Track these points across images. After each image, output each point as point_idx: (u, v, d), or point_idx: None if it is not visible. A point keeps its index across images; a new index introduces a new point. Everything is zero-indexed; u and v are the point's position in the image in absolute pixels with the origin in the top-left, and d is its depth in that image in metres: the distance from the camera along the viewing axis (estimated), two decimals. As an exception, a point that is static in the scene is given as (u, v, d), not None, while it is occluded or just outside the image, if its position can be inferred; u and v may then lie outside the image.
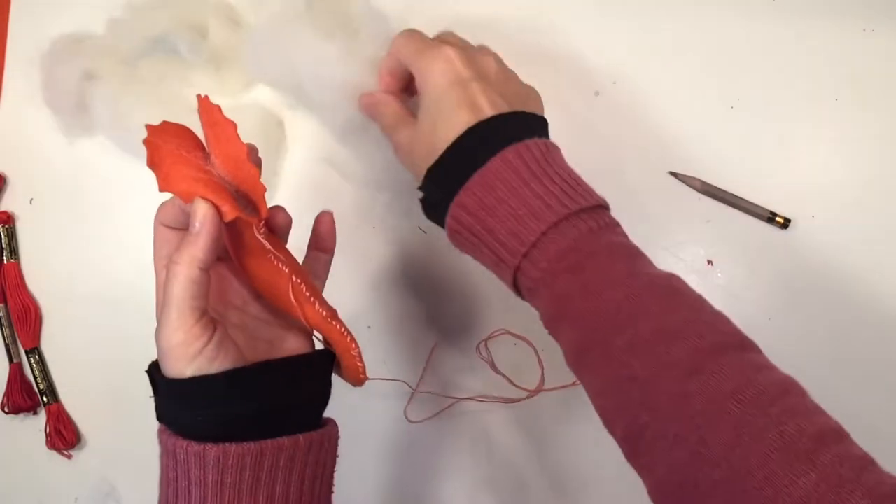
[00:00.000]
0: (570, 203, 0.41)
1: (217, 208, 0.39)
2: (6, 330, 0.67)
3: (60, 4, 0.70)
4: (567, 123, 0.65)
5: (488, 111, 0.44)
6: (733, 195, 0.61)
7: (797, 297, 0.60)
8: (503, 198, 0.41)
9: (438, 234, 0.49)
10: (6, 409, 0.66)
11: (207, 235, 0.39)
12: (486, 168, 0.42)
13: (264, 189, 0.40)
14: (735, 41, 0.63)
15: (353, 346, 0.43)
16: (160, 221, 0.44)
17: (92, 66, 0.65)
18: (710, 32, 0.63)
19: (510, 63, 0.52)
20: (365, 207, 0.66)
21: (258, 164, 0.44)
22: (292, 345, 0.45)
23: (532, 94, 0.51)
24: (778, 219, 0.60)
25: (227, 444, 0.38)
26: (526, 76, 0.53)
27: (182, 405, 0.40)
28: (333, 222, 0.48)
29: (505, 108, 0.44)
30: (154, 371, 0.42)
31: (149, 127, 0.42)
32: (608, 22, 0.64)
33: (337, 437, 0.45)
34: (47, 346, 0.67)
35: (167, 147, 0.41)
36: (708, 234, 0.61)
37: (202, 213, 0.39)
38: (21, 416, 0.67)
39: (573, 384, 0.61)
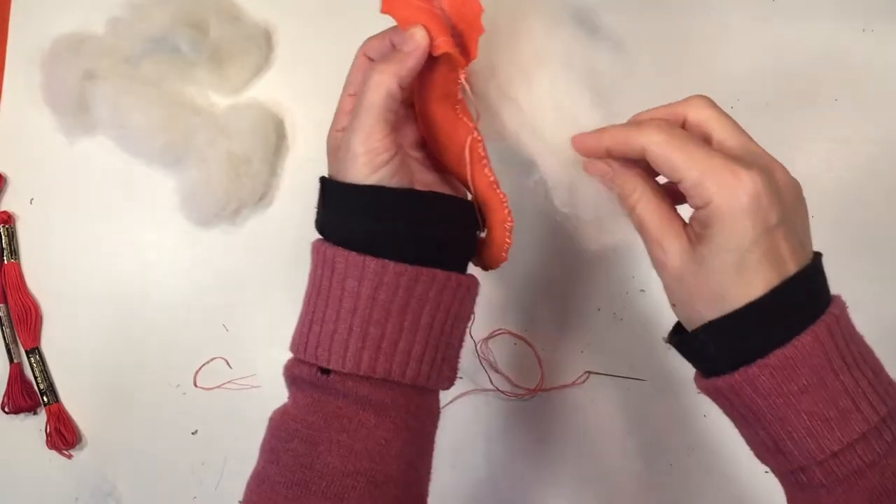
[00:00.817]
0: (878, 406, 0.37)
1: (430, 39, 0.39)
2: (6, 330, 0.67)
3: (60, 4, 0.70)
4: (567, 122, 0.65)
5: (792, 267, 0.37)
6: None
7: (797, 296, 0.60)
8: (807, 388, 0.36)
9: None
10: (6, 409, 0.66)
11: (415, 59, 0.39)
12: (792, 348, 0.36)
13: (482, 31, 0.39)
14: (735, 41, 0.63)
15: (509, 218, 0.43)
16: (364, 52, 0.43)
17: (92, 65, 0.65)
18: (711, 32, 0.63)
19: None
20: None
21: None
22: (446, 191, 0.45)
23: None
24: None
25: (386, 261, 0.39)
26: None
27: (354, 212, 0.40)
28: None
29: (805, 259, 0.39)
30: (327, 180, 0.42)
31: None
32: (606, 21, 0.64)
33: (477, 293, 0.44)
34: (47, 346, 0.67)
35: None
36: (708, 234, 0.61)
37: (418, 38, 0.39)
38: (21, 416, 0.67)
39: (572, 384, 0.61)
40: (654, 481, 0.60)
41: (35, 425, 0.66)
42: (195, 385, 0.65)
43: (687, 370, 0.61)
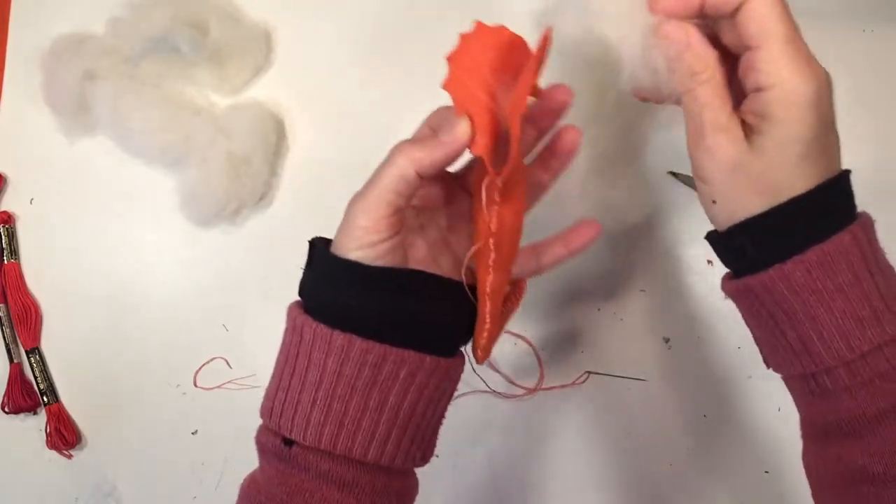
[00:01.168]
0: None
1: (473, 136, 0.37)
2: (6, 330, 0.67)
3: (60, 4, 0.71)
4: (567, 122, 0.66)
5: (838, 165, 0.38)
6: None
7: (797, 296, 0.60)
8: (842, 286, 0.36)
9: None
10: (6, 409, 0.66)
11: (445, 153, 0.38)
12: (831, 244, 0.36)
13: (518, 138, 0.36)
14: (735, 41, 0.63)
15: (484, 333, 0.41)
16: (429, 124, 0.42)
17: (92, 65, 0.65)
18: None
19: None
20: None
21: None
22: (446, 269, 0.44)
23: None
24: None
25: (353, 336, 0.38)
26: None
27: (330, 282, 0.40)
28: (577, 141, 0.43)
29: (840, 162, 0.39)
30: (317, 242, 0.42)
31: (480, 26, 0.39)
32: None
33: (461, 372, 0.44)
34: (47, 346, 0.67)
35: (475, 53, 0.38)
36: (708, 234, 0.61)
37: (459, 133, 0.37)
38: (21, 415, 0.67)
39: (572, 383, 0.61)
40: (654, 481, 0.60)
41: (35, 425, 0.66)
42: (195, 385, 0.65)
43: (687, 370, 0.61)
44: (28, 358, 0.67)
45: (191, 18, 0.64)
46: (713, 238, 0.41)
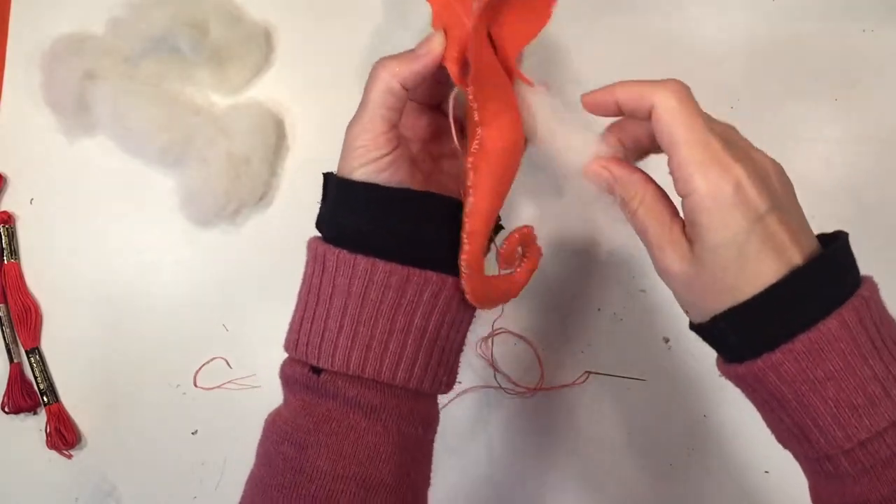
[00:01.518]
0: None
1: (448, 48, 0.38)
2: (6, 330, 0.67)
3: (60, 4, 0.70)
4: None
5: (796, 250, 0.36)
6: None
7: (797, 296, 0.60)
8: (834, 374, 0.35)
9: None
10: (6, 409, 0.66)
11: (423, 65, 0.39)
12: (818, 333, 0.35)
13: (480, 42, 0.37)
14: (735, 41, 0.63)
15: (463, 255, 0.40)
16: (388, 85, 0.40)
17: (92, 65, 0.65)
18: (711, 32, 0.63)
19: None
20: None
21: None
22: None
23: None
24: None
25: (376, 259, 0.38)
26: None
27: (347, 209, 0.40)
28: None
29: (811, 245, 0.37)
30: (327, 175, 0.42)
31: None
32: (607, 21, 0.64)
33: None
34: (47, 346, 0.67)
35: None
36: (708, 234, 0.61)
37: (433, 45, 0.39)
38: (21, 415, 0.67)
39: (572, 384, 0.61)
40: (654, 481, 0.60)
41: (35, 425, 0.66)
42: (195, 385, 0.65)
43: (687, 370, 0.61)
44: (28, 358, 0.67)
45: (191, 18, 0.64)
46: (695, 327, 0.40)
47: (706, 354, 0.61)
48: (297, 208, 0.66)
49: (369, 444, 0.39)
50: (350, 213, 0.40)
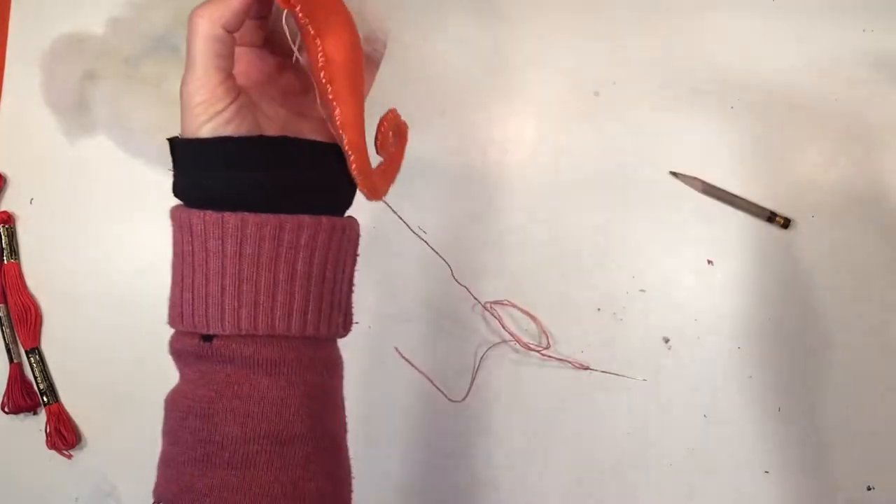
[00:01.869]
0: None
1: None
2: (6, 330, 0.67)
3: (60, 4, 0.71)
4: (567, 123, 0.66)
5: None
6: (733, 195, 0.61)
7: (797, 296, 0.60)
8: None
9: (438, 234, 0.49)
10: (6, 409, 0.66)
11: (241, 1, 0.37)
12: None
13: None
14: (735, 41, 0.63)
15: (353, 165, 0.40)
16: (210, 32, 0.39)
17: (92, 65, 0.65)
18: (710, 33, 0.63)
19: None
20: (364, 207, 0.65)
21: None
22: (309, 136, 0.42)
23: None
24: (778, 219, 0.60)
25: (245, 213, 0.37)
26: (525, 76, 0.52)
27: (202, 168, 0.38)
28: None
29: None
30: (172, 139, 0.40)
31: None
32: (607, 22, 0.64)
33: (358, 234, 0.43)
34: (47, 346, 0.67)
35: None
36: (708, 234, 0.61)
37: None
38: (21, 416, 0.67)
39: (577, 365, 0.61)
40: (654, 481, 0.60)
41: (35, 425, 0.66)
42: (195, 385, 0.65)
43: (687, 370, 0.61)
44: (28, 358, 0.67)
45: (191, 18, 0.64)
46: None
47: (706, 354, 0.62)
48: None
49: (275, 399, 0.38)
50: (206, 172, 0.38)
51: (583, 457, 0.61)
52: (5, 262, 0.68)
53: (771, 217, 0.60)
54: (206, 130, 0.37)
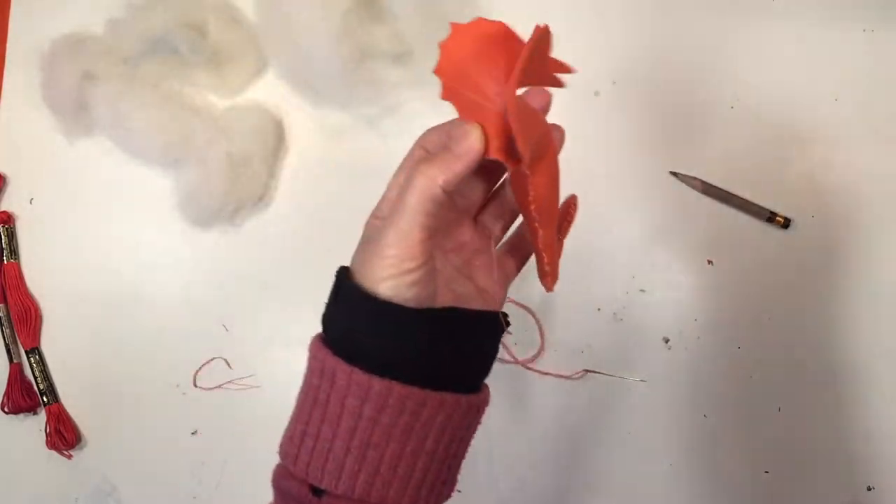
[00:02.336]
0: None
1: (487, 141, 0.36)
2: (6, 330, 0.67)
3: (60, 5, 0.71)
4: (567, 123, 0.65)
5: None
6: (733, 195, 0.60)
7: (797, 296, 0.60)
8: None
9: (438, 235, 0.49)
10: (6, 409, 0.66)
11: (465, 164, 0.36)
12: None
13: (521, 132, 0.35)
14: (735, 41, 0.62)
15: (547, 278, 0.42)
16: (421, 144, 0.40)
17: (92, 66, 0.65)
18: (710, 32, 0.63)
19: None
20: (365, 206, 0.65)
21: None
22: (475, 305, 0.42)
23: None
24: (778, 219, 0.60)
25: (392, 382, 0.36)
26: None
27: (364, 323, 0.37)
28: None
29: None
30: (343, 276, 0.39)
31: (458, 27, 0.38)
32: (608, 22, 0.64)
33: (487, 405, 0.42)
34: (47, 346, 0.68)
35: (469, 51, 0.37)
36: (708, 234, 0.61)
37: (472, 140, 0.36)
38: (21, 416, 0.67)
39: (569, 377, 0.61)
40: (654, 481, 0.60)
41: (35, 425, 0.66)
42: (195, 385, 0.65)
43: (687, 370, 0.61)
44: (28, 358, 0.67)
45: (190, 20, 0.64)
46: None
47: (706, 354, 0.61)
48: (295, 209, 0.66)
49: None
50: (369, 332, 0.37)
51: (583, 457, 0.61)
52: (5, 262, 0.68)
53: (771, 217, 0.60)
54: (387, 287, 0.36)
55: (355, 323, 0.37)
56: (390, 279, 0.36)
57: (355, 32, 0.62)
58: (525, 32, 0.38)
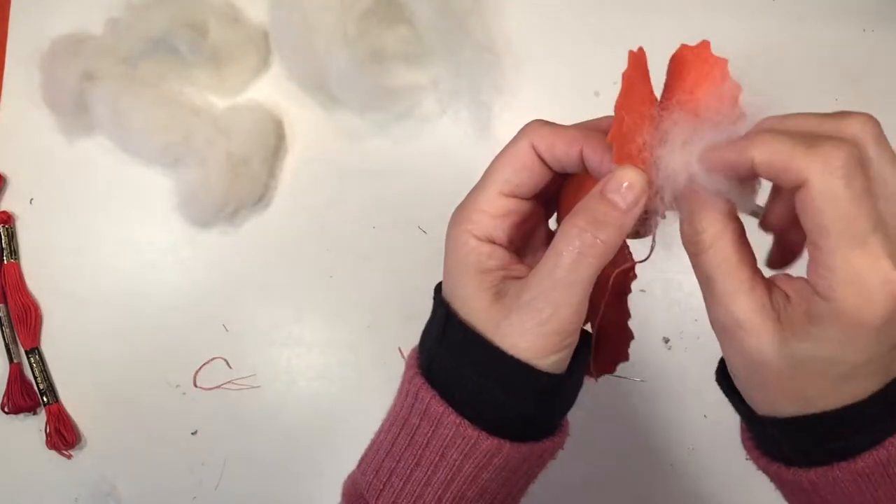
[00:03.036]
0: None
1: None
2: (6, 330, 0.67)
3: (60, 4, 0.70)
4: (567, 123, 0.65)
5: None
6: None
7: (797, 296, 0.60)
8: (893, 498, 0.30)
9: (438, 234, 0.49)
10: (6, 410, 0.66)
11: (634, 216, 0.31)
12: (885, 451, 0.30)
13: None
14: (735, 41, 0.62)
15: (626, 356, 0.37)
16: (533, 142, 0.34)
17: (91, 65, 0.65)
18: (710, 32, 0.63)
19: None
20: (364, 207, 0.66)
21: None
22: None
23: None
24: (778, 219, 0.60)
25: (502, 441, 0.33)
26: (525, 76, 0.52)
27: (490, 381, 0.33)
28: None
29: None
30: (450, 309, 0.35)
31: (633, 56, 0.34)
32: (608, 22, 0.64)
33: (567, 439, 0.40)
34: (47, 346, 0.67)
35: (638, 95, 0.33)
36: (708, 234, 0.61)
37: (638, 191, 0.31)
38: (21, 416, 0.67)
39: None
40: (654, 481, 0.60)
41: (35, 425, 0.66)
42: (195, 385, 0.65)
43: (687, 370, 0.61)
44: (28, 358, 0.67)
45: (190, 19, 0.64)
46: (742, 412, 0.34)
47: (706, 354, 0.61)
48: (295, 209, 0.66)
49: None
50: (496, 391, 0.33)
51: (583, 457, 0.61)
52: (5, 262, 0.68)
53: (771, 217, 0.60)
54: (544, 364, 0.32)
55: (474, 373, 0.34)
56: (546, 358, 0.32)
57: (370, 34, 0.62)
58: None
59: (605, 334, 0.37)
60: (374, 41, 0.62)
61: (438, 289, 0.37)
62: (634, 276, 0.36)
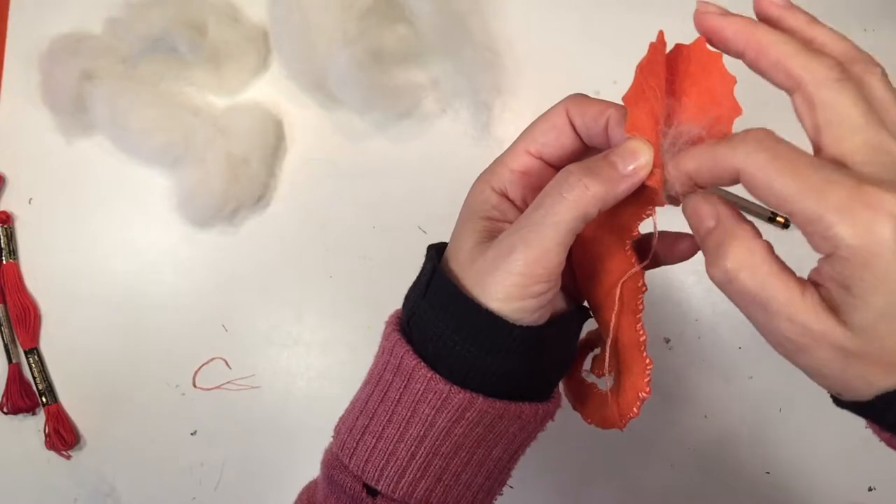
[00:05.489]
0: None
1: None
2: (5, 330, 0.67)
3: (59, 4, 0.70)
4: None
5: None
6: (733, 195, 0.60)
7: (797, 296, 0.60)
8: None
9: (438, 235, 0.49)
10: (5, 410, 0.66)
11: (629, 186, 0.31)
12: None
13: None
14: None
15: (647, 389, 0.34)
16: (568, 109, 0.35)
17: (90, 65, 0.65)
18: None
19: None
20: (364, 207, 0.65)
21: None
22: (560, 306, 0.37)
23: None
24: (778, 219, 0.60)
25: (475, 395, 0.33)
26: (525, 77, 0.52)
27: (464, 334, 0.33)
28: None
29: None
30: (438, 264, 0.35)
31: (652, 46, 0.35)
32: (608, 22, 0.64)
33: (559, 408, 0.39)
34: (47, 346, 0.67)
35: (655, 76, 0.34)
36: (708, 234, 0.61)
37: (643, 163, 0.31)
38: (20, 416, 0.66)
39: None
40: (654, 481, 0.60)
41: (34, 426, 0.66)
42: (194, 385, 0.65)
43: (687, 370, 0.61)
44: (27, 358, 0.66)
45: (189, 19, 0.64)
46: (844, 405, 0.33)
47: (706, 354, 0.61)
48: (295, 209, 0.66)
49: None
50: (466, 342, 0.33)
51: (583, 457, 0.61)
52: (4, 262, 0.68)
53: (771, 217, 0.60)
54: (509, 309, 0.32)
55: (449, 327, 0.33)
56: (514, 301, 0.32)
57: (370, 34, 0.62)
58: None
59: (622, 361, 0.36)
60: (374, 41, 0.62)
61: (432, 247, 0.38)
62: (644, 289, 0.35)
